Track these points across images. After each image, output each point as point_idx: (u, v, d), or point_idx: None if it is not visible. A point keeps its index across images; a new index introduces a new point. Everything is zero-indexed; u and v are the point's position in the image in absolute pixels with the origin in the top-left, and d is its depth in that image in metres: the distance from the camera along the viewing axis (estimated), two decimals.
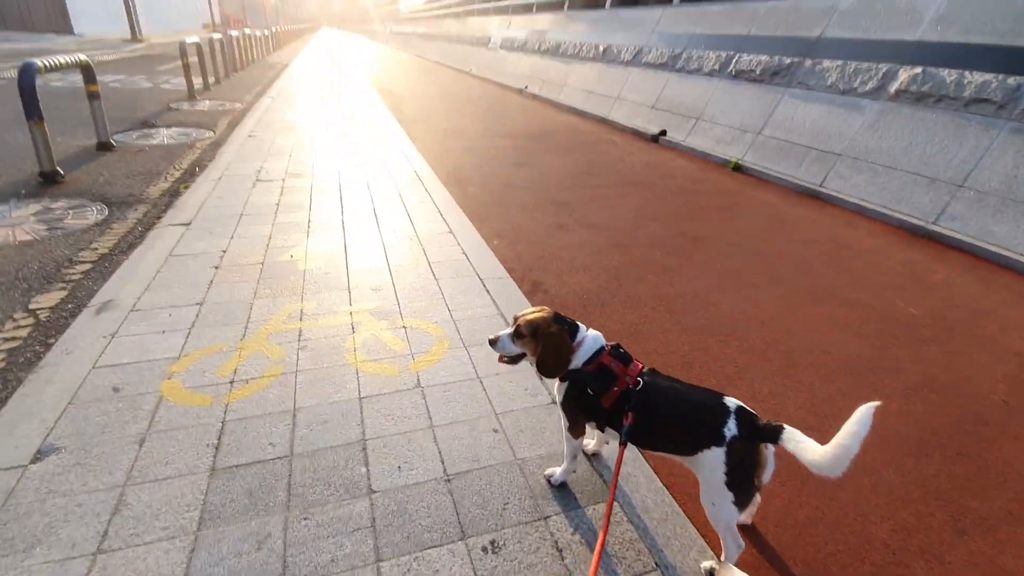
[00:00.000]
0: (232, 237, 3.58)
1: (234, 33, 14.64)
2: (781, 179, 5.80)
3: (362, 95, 11.09)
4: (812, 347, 2.72)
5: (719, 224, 4.48)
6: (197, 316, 2.62)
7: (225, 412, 2.00)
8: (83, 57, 5.26)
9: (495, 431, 1.97)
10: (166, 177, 5.03)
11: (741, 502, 1.36)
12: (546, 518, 1.61)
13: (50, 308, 2.74)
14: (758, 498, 1.64)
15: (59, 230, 3.69)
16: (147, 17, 28.68)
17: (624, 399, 1.46)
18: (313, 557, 1.47)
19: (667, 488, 1.76)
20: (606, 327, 2.95)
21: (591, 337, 1.56)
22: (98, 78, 5.63)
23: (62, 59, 4.84)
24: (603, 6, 11.76)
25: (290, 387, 2.15)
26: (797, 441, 1.25)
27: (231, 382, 2.17)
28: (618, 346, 1.56)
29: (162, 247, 3.39)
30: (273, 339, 2.46)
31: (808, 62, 6.27)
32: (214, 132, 7.06)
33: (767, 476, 1.37)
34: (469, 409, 2.08)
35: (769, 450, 1.36)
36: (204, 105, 9.08)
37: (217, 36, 12.77)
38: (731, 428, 1.32)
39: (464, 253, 3.50)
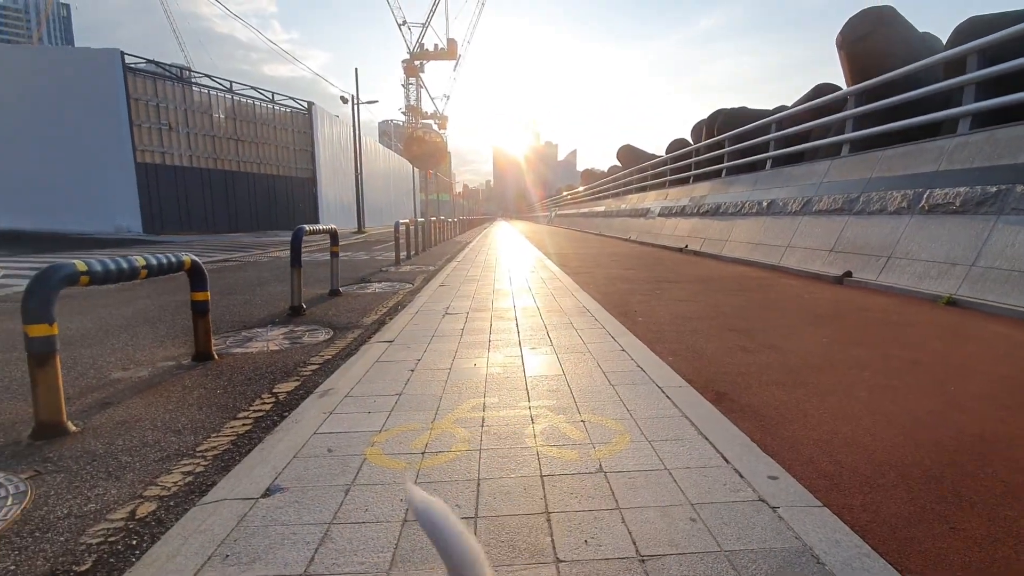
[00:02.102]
0: (425, 351, 4.02)
1: (422, 220, 17.97)
2: (1015, 311, 4.84)
3: (531, 257, 12.38)
4: None
5: (939, 352, 3.80)
6: (396, 403, 2.90)
7: (417, 476, 2.09)
8: (333, 227, 6.90)
9: (692, 520, 1.73)
10: (376, 312, 5.99)
11: None
12: None
13: (287, 392, 3.28)
14: None
15: (298, 344, 4.53)
16: (370, 216, 36.78)
17: None
18: None
19: None
20: (813, 436, 2.59)
21: None
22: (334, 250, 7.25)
23: (320, 227, 6.39)
24: (761, 168, 12.13)
25: (475, 461, 2.19)
26: None
27: (423, 453, 2.28)
28: None
29: (371, 356, 3.92)
30: (459, 423, 2.59)
31: (1020, 188, 5.57)
32: (413, 284, 8.37)
33: None
34: (658, 497, 1.88)
35: None
36: (406, 268, 10.94)
37: (420, 220, 15.76)
38: None
39: (639, 366, 3.44)
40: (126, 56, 22.57)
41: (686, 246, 13.52)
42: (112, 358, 4.07)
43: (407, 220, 13.23)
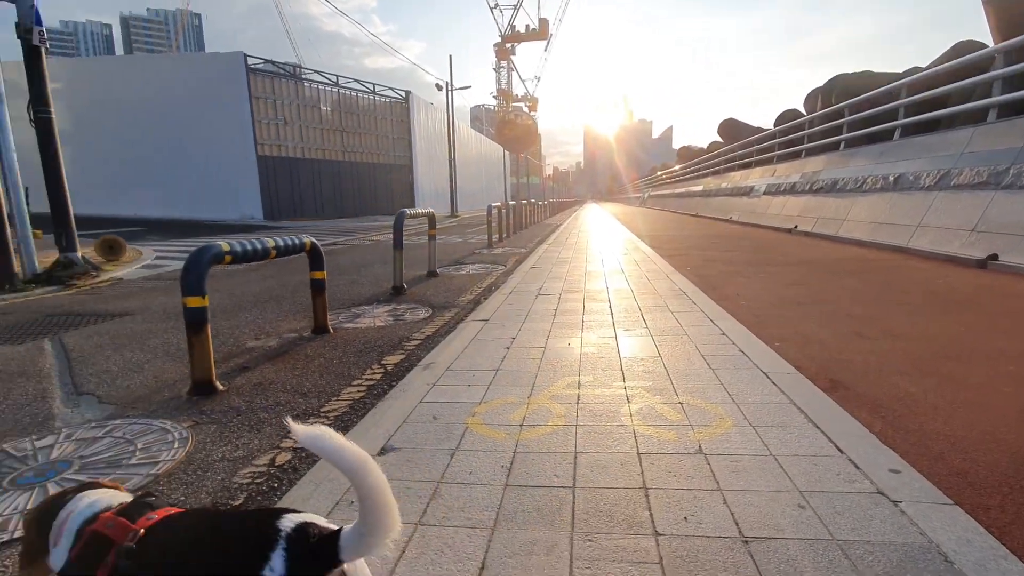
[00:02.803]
0: (520, 330, 4.13)
1: (513, 203, 18.13)
2: None
3: (623, 239, 12.12)
4: None
5: None
6: (493, 378, 3.02)
7: (516, 446, 2.19)
8: (431, 210, 7.22)
9: (801, 507, 1.67)
10: (471, 292, 6.23)
11: None
12: None
13: (394, 364, 3.54)
14: None
15: (401, 321, 4.84)
16: (462, 201, 37.83)
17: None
18: (601, 573, 1.41)
19: None
20: (943, 430, 2.38)
21: (80, 510, 0.99)
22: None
23: (420, 211, 6.72)
24: (887, 139, 10.87)
25: (571, 436, 2.25)
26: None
27: (520, 425, 2.38)
28: (143, 497, 1.02)
29: (468, 333, 4.10)
30: (555, 399, 2.66)
31: None
32: (505, 266, 8.56)
33: None
34: (763, 482, 1.83)
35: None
36: (498, 250, 11.18)
37: (512, 203, 15.97)
38: (276, 568, 0.80)
39: (741, 351, 3.30)
40: (248, 58, 24.85)
41: (795, 226, 12.53)
42: (246, 329, 4.61)
43: (499, 204, 13.47)
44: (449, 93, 33.23)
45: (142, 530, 0.89)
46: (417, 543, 1.58)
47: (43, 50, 7.07)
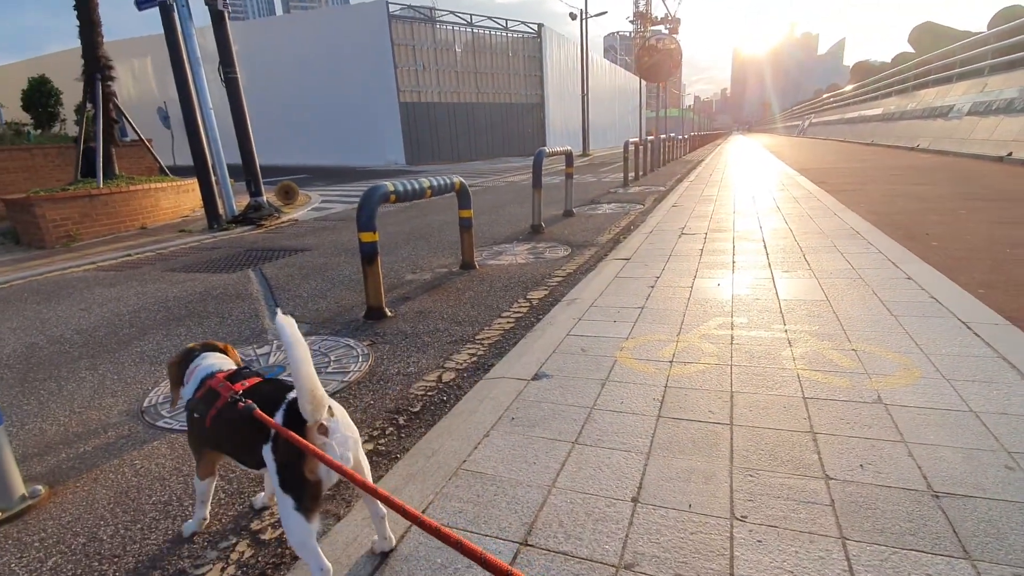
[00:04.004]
0: (664, 269, 4.01)
1: (650, 138, 17.00)
2: None
3: (778, 173, 10.89)
4: None
5: None
6: (639, 315, 3.01)
7: (667, 381, 2.19)
8: (568, 148, 7.13)
9: (1009, 468, 1.47)
10: (610, 231, 6.14)
11: (304, 507, 1.15)
12: None
13: (539, 299, 3.69)
14: None
15: (541, 259, 4.97)
16: (593, 138, 36.58)
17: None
18: (764, 507, 1.40)
19: None
20: None
21: (204, 366, 1.48)
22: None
23: (558, 148, 6.67)
24: None
25: (726, 376, 2.19)
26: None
27: (670, 362, 2.37)
28: (244, 368, 1.48)
29: (609, 272, 4.09)
30: (706, 339, 2.58)
31: None
32: (643, 205, 8.24)
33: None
34: (960, 439, 1.63)
35: (332, 434, 1.17)
36: (634, 189, 10.76)
37: (650, 138, 15.08)
38: (277, 419, 1.19)
39: (932, 297, 2.87)
40: (389, 5, 25.81)
41: (1010, 153, 10.22)
42: (403, 264, 5.07)
43: (635, 140, 12.79)
44: (583, 22, 31.55)
45: (239, 391, 1.31)
46: (575, 459, 1.69)
47: (226, 15, 8.03)
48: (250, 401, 1.23)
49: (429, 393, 2.39)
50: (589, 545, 1.32)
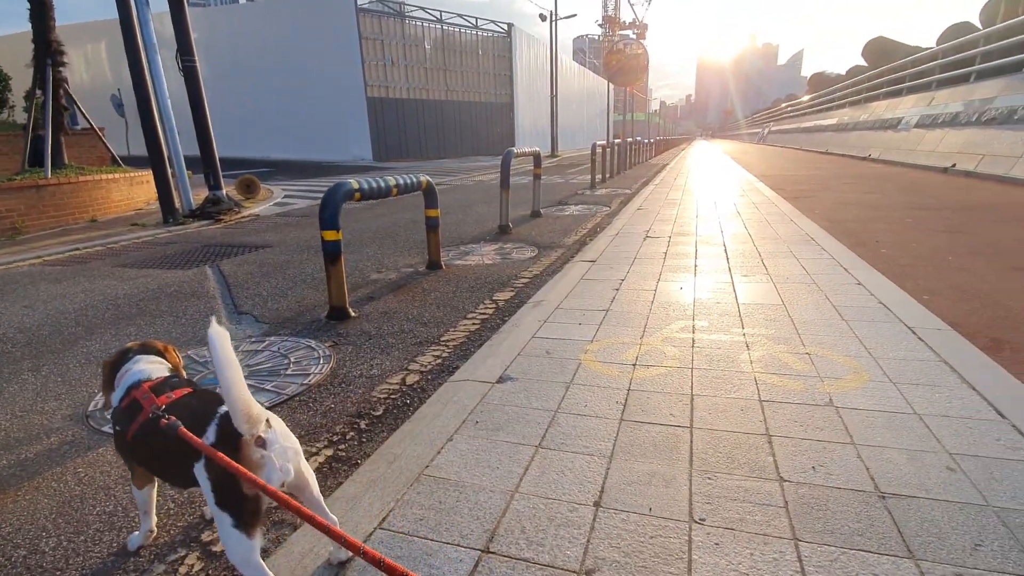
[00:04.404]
0: (628, 272, 4.07)
1: (618, 141, 17.27)
2: None
3: (738, 180, 11.22)
4: None
5: None
6: (604, 318, 3.04)
7: (630, 384, 2.22)
8: (536, 149, 7.15)
9: (950, 469, 1.55)
10: (577, 233, 6.19)
11: (244, 523, 1.09)
12: None
13: (505, 300, 3.68)
14: None
15: (508, 259, 4.96)
16: (562, 140, 36.85)
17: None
18: (721, 509, 1.43)
19: None
20: None
21: (133, 371, 1.38)
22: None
23: (527, 149, 6.68)
24: None
25: (687, 379, 2.23)
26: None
27: (634, 365, 2.40)
28: (173, 377, 1.40)
29: (575, 273, 4.12)
30: (668, 342, 2.63)
31: None
32: (609, 207, 8.34)
33: (273, 478, 1.10)
34: (905, 440, 1.71)
35: (270, 446, 1.12)
36: (601, 191, 10.88)
37: (617, 141, 15.30)
38: (209, 436, 1.13)
39: (881, 303, 3.00)
40: None
41: (953, 165, 10.81)
42: (368, 263, 4.98)
43: (603, 142, 12.96)
44: (553, 23, 31.74)
45: (163, 405, 1.24)
46: (539, 464, 1.69)
47: (185, 1, 7.72)
48: (174, 418, 1.16)
49: (392, 396, 2.36)
50: (551, 551, 1.32)
